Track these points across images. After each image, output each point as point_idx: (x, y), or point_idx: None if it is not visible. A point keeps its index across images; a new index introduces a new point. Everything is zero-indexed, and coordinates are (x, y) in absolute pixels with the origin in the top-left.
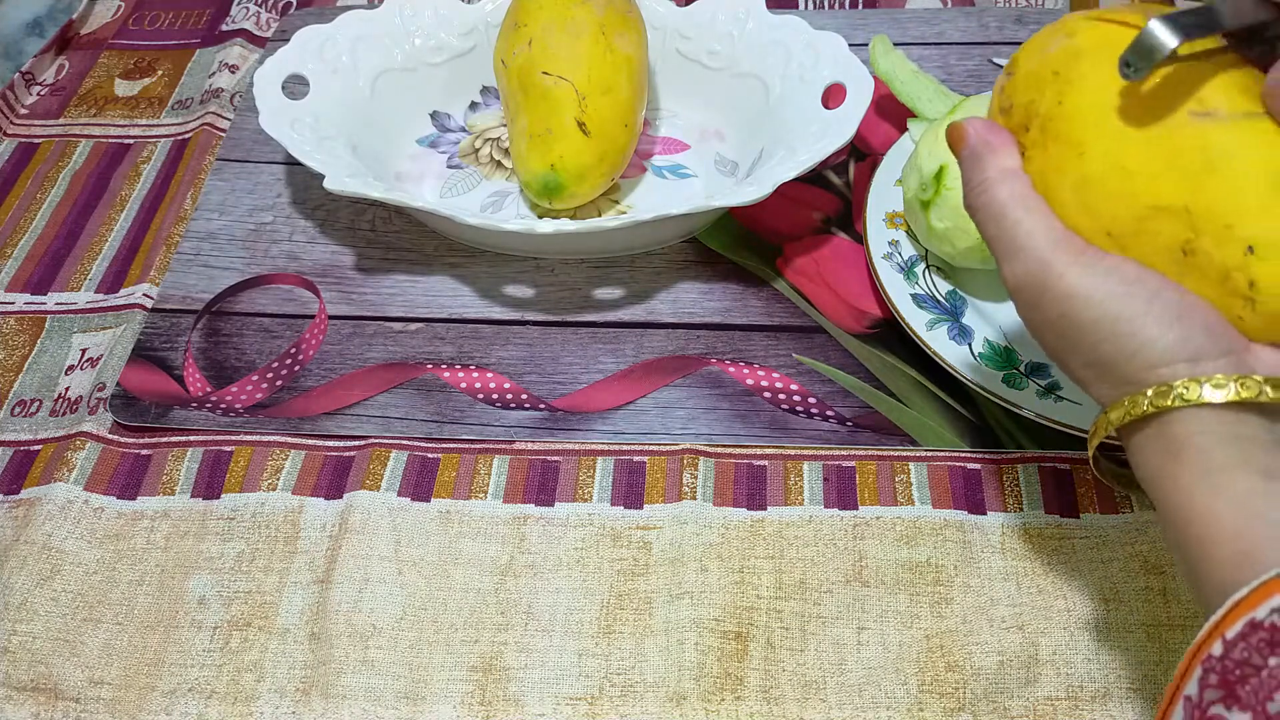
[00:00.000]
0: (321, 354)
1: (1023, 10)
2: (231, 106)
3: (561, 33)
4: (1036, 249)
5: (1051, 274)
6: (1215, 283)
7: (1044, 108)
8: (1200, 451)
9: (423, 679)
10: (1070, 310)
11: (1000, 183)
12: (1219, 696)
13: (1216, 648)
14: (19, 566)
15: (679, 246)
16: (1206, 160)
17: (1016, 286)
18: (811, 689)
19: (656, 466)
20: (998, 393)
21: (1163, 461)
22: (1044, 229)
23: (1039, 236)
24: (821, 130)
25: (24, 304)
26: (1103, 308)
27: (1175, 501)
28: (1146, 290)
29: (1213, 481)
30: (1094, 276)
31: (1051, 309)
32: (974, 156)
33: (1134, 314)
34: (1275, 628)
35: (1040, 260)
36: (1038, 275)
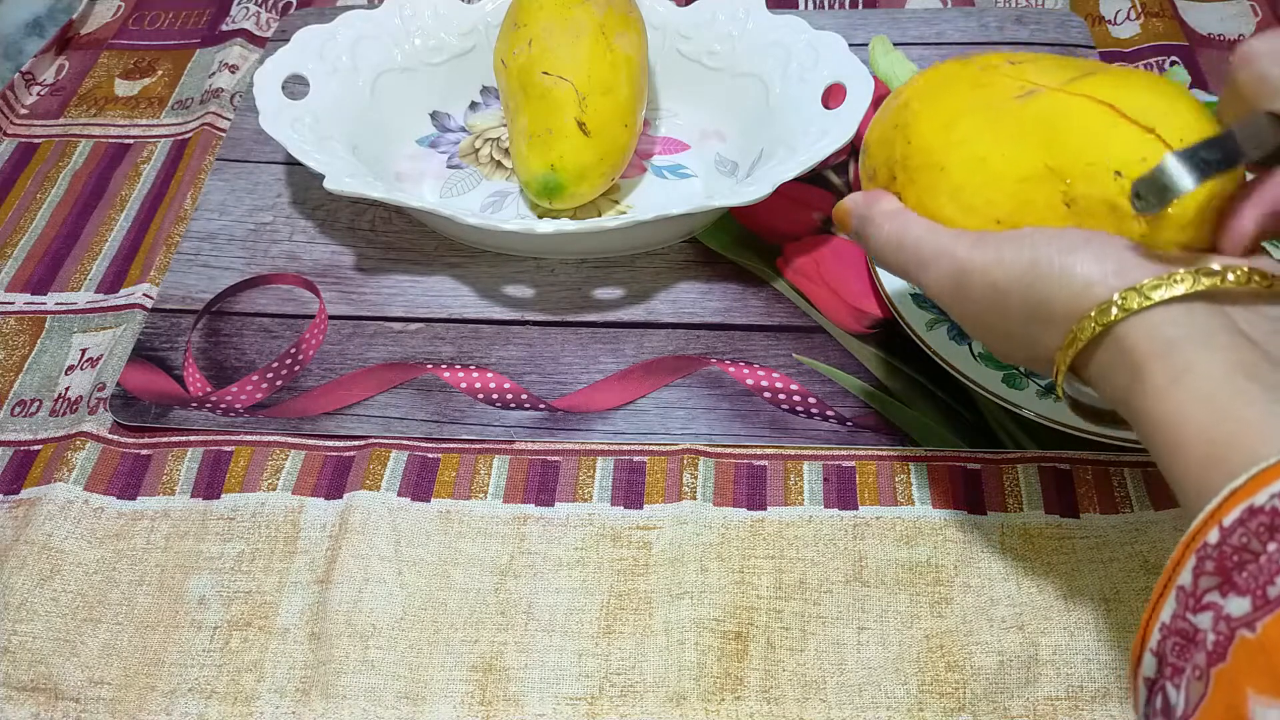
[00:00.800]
0: (321, 354)
1: (1023, 10)
2: (231, 106)
3: (561, 33)
4: (940, 251)
5: (960, 259)
6: (1107, 217)
7: (899, 154)
8: (1159, 358)
9: (423, 679)
10: (990, 279)
11: (887, 221)
12: (1215, 584)
13: (1213, 535)
14: (19, 566)
15: (679, 246)
16: (1048, 123)
17: (940, 290)
18: (811, 689)
19: (656, 466)
20: (998, 393)
21: (1129, 380)
22: (938, 234)
23: (938, 240)
24: (821, 130)
25: (24, 304)
26: (1016, 261)
27: (1145, 410)
28: (1047, 234)
29: (1178, 385)
30: (997, 244)
31: (975, 289)
32: (863, 220)
33: (1047, 254)
34: (1276, 512)
35: (947, 255)
36: (949, 268)
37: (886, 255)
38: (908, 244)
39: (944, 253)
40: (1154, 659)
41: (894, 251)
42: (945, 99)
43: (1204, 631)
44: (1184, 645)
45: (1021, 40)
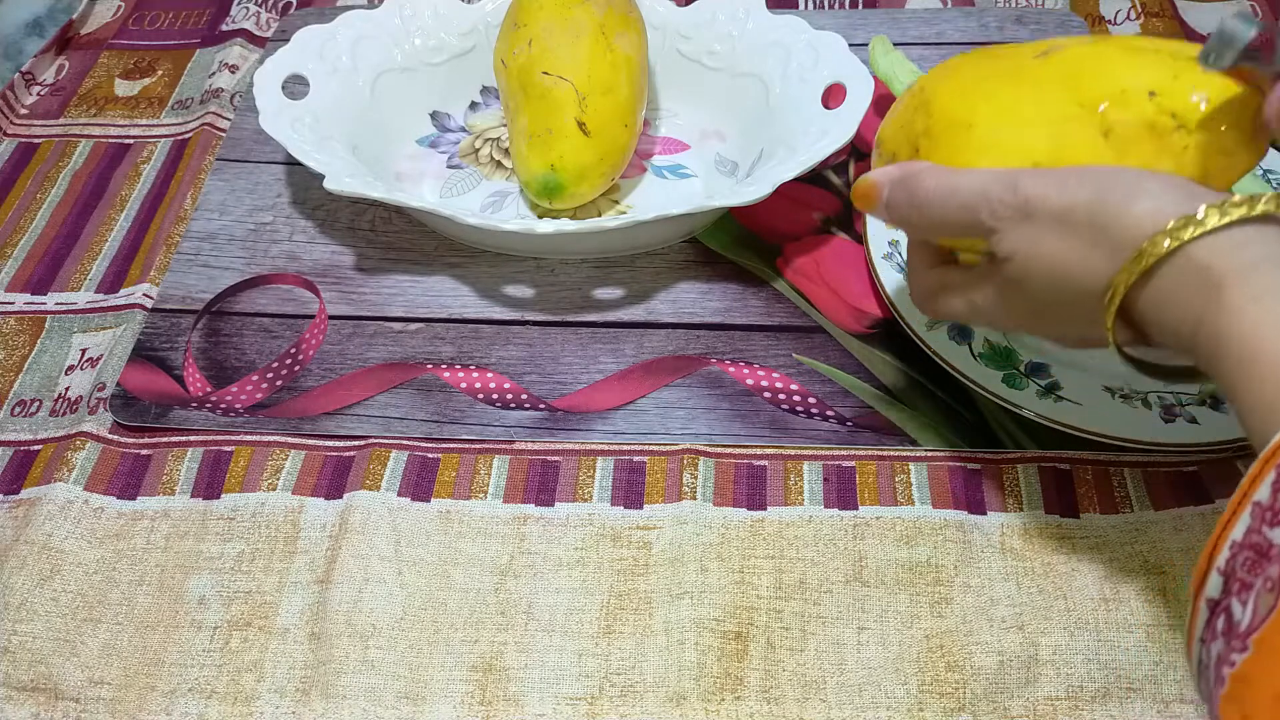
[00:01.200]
0: (321, 354)
1: (1023, 10)
2: (231, 106)
3: (561, 33)
4: (1002, 182)
5: (1027, 189)
6: (1147, 139)
7: (920, 128)
8: (1238, 276)
9: (423, 679)
10: (1060, 204)
11: (930, 176)
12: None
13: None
14: (19, 566)
15: (679, 246)
16: (1072, 68)
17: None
18: (811, 689)
19: (656, 466)
20: (998, 393)
21: (1203, 300)
22: (993, 175)
23: (1000, 175)
24: (821, 130)
25: (24, 304)
26: (1081, 186)
27: (1219, 329)
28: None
29: (1258, 304)
30: (1061, 175)
31: (1041, 213)
32: (899, 184)
33: (1115, 178)
34: None
35: (1010, 185)
36: (1016, 197)
37: (934, 209)
38: (962, 187)
39: (1004, 184)
40: (1220, 578)
41: (945, 199)
42: (961, 73)
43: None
44: (1256, 560)
45: (1022, 40)
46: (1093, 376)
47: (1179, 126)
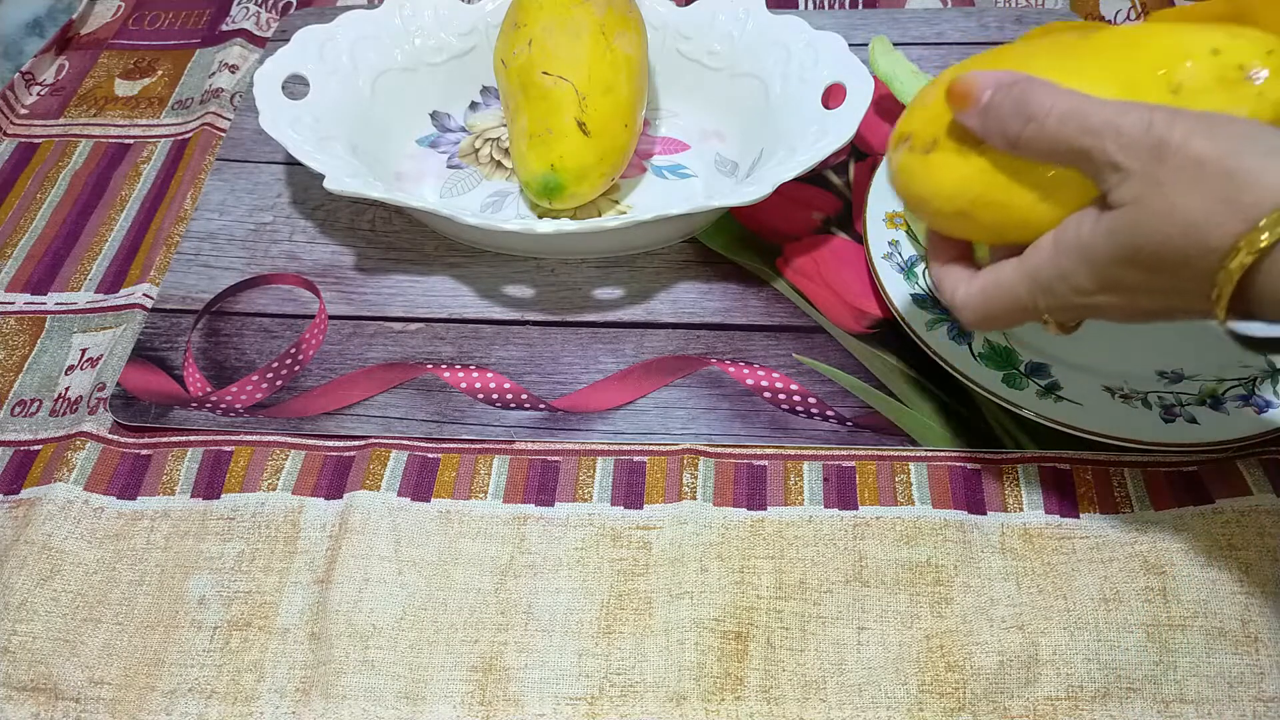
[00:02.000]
0: (321, 354)
1: (1023, 10)
2: (231, 106)
3: (561, 33)
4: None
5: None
6: (1218, 89)
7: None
8: None
9: (423, 679)
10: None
11: (1048, 93)
12: None
13: None
14: (19, 566)
15: (679, 246)
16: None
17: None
18: (811, 689)
19: (656, 466)
20: (998, 393)
21: None
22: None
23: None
24: (821, 130)
25: (24, 304)
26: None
27: None
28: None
29: None
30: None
31: (1174, 157)
32: (1005, 90)
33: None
34: None
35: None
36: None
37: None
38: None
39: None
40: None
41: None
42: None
43: None
44: None
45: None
46: (1093, 377)
47: (1250, 76)
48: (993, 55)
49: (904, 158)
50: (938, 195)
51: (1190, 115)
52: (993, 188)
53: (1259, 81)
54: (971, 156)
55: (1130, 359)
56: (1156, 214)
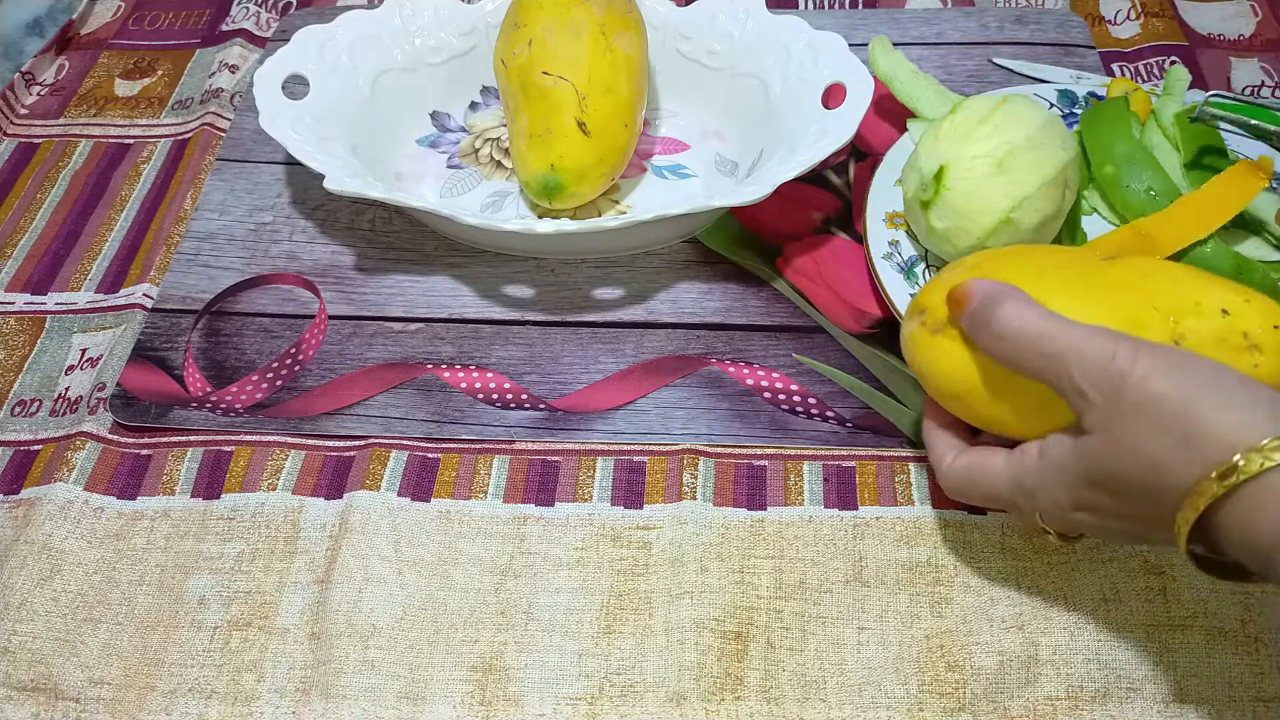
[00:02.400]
0: (321, 354)
1: (1023, 10)
2: (232, 106)
3: (561, 33)
4: (1100, 345)
5: (1122, 362)
6: (1216, 349)
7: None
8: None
9: (423, 679)
10: (1155, 387)
11: (1016, 309)
12: None
13: None
14: (19, 566)
15: (679, 246)
16: (1144, 276)
17: (1093, 384)
18: (811, 689)
19: (656, 466)
20: None
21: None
22: (1094, 330)
23: (1097, 337)
24: (821, 130)
25: (24, 304)
26: (1184, 378)
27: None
28: (1210, 363)
29: None
30: (1162, 356)
31: (1133, 394)
32: (988, 302)
33: (1212, 380)
34: None
35: (1109, 354)
36: (1111, 369)
37: (1016, 344)
38: (1055, 335)
39: (1102, 347)
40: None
41: (1031, 341)
42: (1024, 256)
43: None
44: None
45: (1022, 40)
46: None
47: (1251, 346)
48: (1012, 253)
49: (915, 330)
50: (938, 374)
51: (1153, 351)
52: (988, 383)
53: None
54: (974, 348)
55: None
56: (1120, 447)
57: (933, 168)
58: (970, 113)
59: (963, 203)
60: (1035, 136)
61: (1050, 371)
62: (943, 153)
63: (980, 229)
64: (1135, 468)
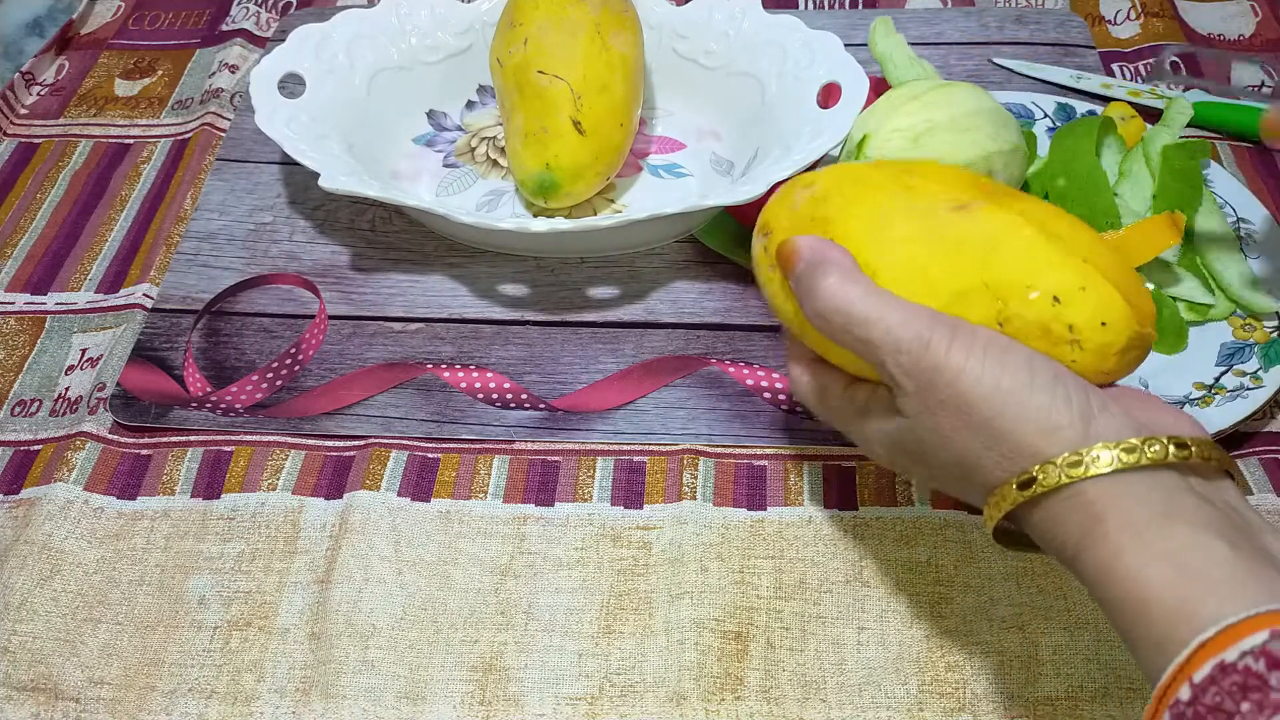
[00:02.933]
0: (321, 354)
1: (1023, 10)
2: (231, 106)
3: (557, 32)
4: (917, 334)
5: (936, 352)
6: (1039, 339)
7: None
8: (1123, 513)
9: (423, 679)
10: (963, 389)
11: (849, 282)
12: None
13: (1184, 692)
14: (19, 566)
15: (678, 246)
16: (988, 240)
17: (902, 375)
18: (811, 689)
19: (656, 466)
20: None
21: (1084, 530)
22: (911, 314)
23: (913, 323)
24: (817, 129)
25: (24, 304)
26: (993, 377)
27: (1104, 564)
28: (1023, 356)
29: (1142, 540)
30: (976, 346)
31: (945, 389)
32: (811, 267)
33: (1021, 383)
34: (1248, 671)
35: (924, 343)
36: (925, 358)
37: (832, 322)
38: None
39: (919, 343)
40: None
41: (855, 324)
42: (873, 196)
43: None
44: None
45: (1022, 40)
46: None
47: (1073, 341)
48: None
49: (759, 253)
50: (776, 305)
51: (969, 342)
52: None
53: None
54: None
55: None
56: (932, 436)
57: (858, 136)
58: (908, 90)
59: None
60: (961, 121)
61: (867, 355)
62: (870, 123)
63: None
64: (947, 456)
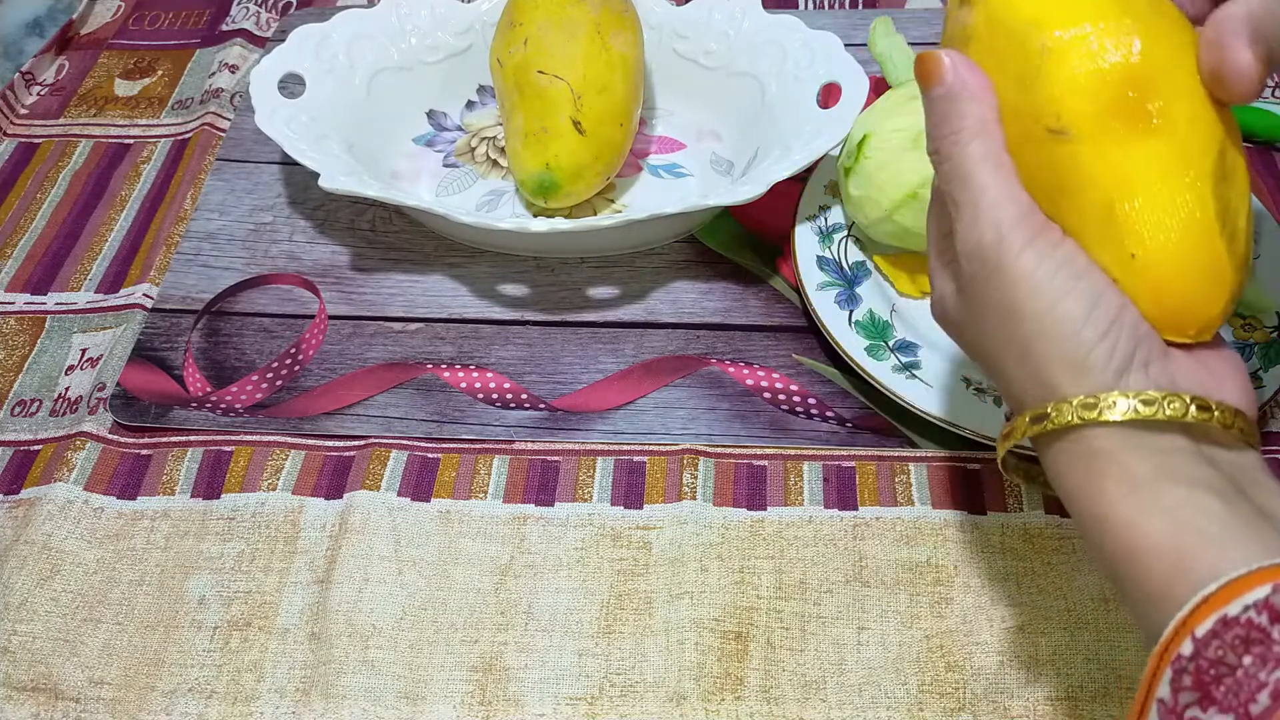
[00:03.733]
0: (321, 354)
1: None
2: (231, 106)
3: (557, 31)
4: (998, 222)
5: (1008, 251)
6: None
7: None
8: (1124, 466)
9: (423, 679)
10: (1017, 297)
11: (975, 136)
12: (1194, 699)
13: (1186, 647)
14: (19, 566)
15: (678, 246)
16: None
17: (968, 253)
18: (811, 689)
19: (656, 466)
20: (856, 359)
21: (1085, 476)
22: (1009, 199)
23: (1003, 209)
24: (817, 129)
25: (24, 304)
26: (1049, 299)
27: (1100, 514)
28: (1093, 289)
29: (1139, 495)
30: (1048, 265)
31: (997, 291)
32: (950, 98)
33: (1077, 314)
34: (1251, 624)
35: (999, 233)
36: (992, 250)
37: (945, 167)
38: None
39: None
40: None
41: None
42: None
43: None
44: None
45: None
46: (957, 366)
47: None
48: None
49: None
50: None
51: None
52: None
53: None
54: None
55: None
56: (975, 327)
57: (858, 136)
58: (908, 89)
59: (876, 172)
60: None
61: (953, 214)
62: (870, 123)
63: (889, 200)
64: (981, 349)
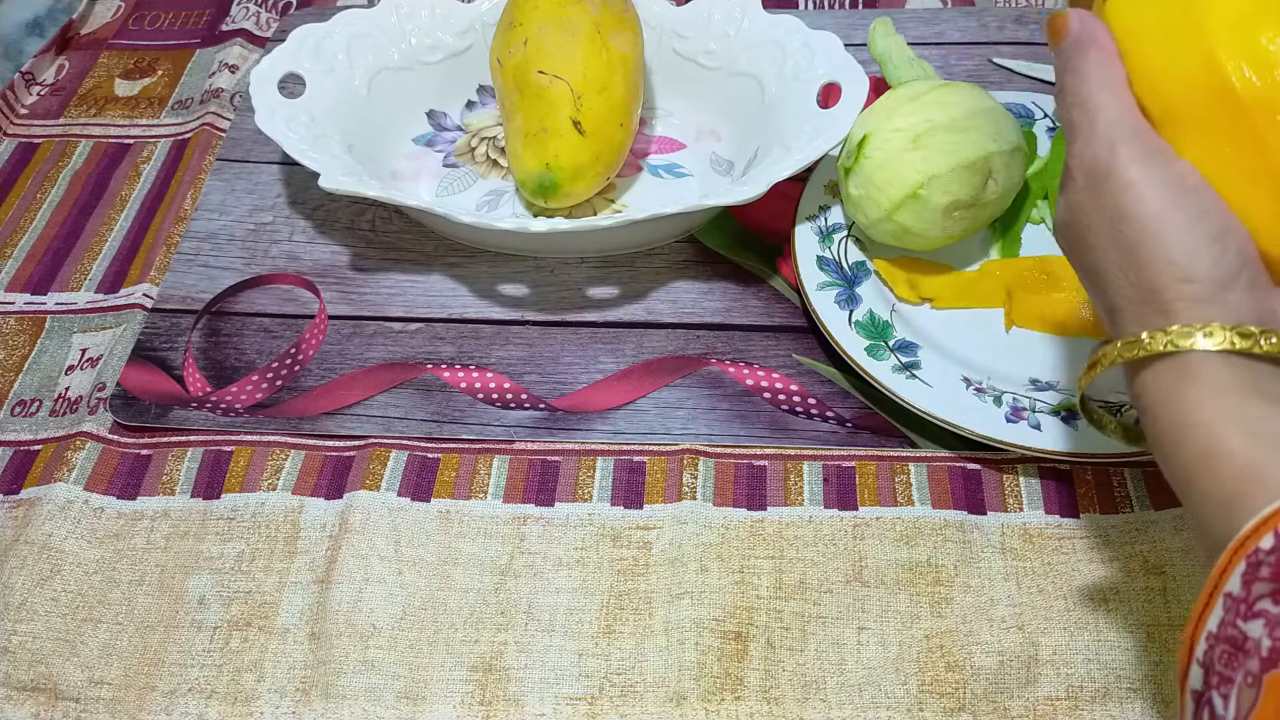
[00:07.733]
0: (321, 354)
1: (1023, 10)
2: (231, 106)
3: (557, 32)
4: (1111, 138)
5: (1118, 160)
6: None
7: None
8: (1214, 374)
9: (423, 679)
10: (1126, 200)
11: (1097, 67)
12: (1269, 590)
13: (1267, 540)
14: (19, 566)
15: (678, 246)
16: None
17: (1080, 167)
18: (811, 689)
19: (656, 466)
20: (857, 359)
21: (1171, 387)
22: (1124, 118)
23: (1118, 126)
24: (816, 129)
25: (24, 304)
26: (1157, 205)
27: (1181, 419)
28: (1201, 203)
29: (1224, 400)
30: (1158, 173)
31: (1109, 196)
32: (1075, 43)
33: (1183, 221)
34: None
35: (1111, 146)
36: (1104, 160)
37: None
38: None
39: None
40: (1201, 670)
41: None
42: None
43: (1255, 639)
44: (1233, 653)
45: (1022, 40)
46: (957, 365)
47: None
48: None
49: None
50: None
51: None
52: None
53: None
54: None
55: (1004, 359)
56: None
57: (858, 136)
58: (907, 90)
59: (876, 172)
60: (960, 121)
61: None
62: (870, 123)
63: (889, 200)
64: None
